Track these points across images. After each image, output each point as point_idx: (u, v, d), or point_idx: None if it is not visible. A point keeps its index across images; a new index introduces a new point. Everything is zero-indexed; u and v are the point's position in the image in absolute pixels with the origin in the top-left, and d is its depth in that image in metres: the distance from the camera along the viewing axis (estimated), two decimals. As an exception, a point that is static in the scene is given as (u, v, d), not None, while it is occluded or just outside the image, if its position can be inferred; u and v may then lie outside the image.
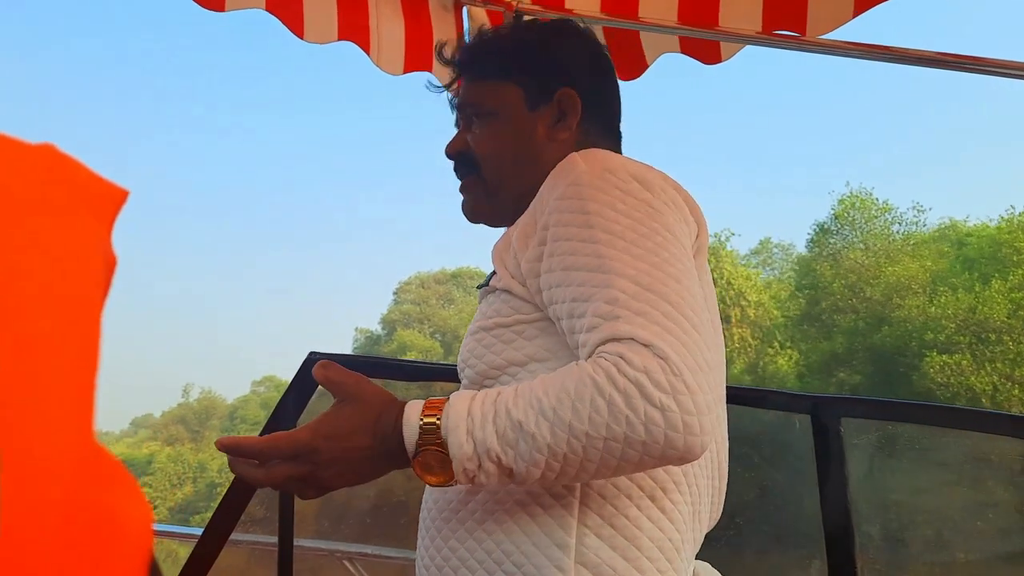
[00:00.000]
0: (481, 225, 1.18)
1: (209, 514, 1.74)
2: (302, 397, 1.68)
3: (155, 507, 41.02)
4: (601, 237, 0.88)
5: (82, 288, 0.30)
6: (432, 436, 0.83)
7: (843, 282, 25.93)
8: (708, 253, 1.02)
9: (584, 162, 0.97)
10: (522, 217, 1.02)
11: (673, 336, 0.80)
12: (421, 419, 0.84)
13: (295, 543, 1.63)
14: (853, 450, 2.16)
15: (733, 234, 34.19)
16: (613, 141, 1.17)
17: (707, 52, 2.13)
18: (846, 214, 27.60)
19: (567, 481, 0.83)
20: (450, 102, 1.22)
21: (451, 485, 0.85)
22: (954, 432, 2.57)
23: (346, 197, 79.49)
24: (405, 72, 2.26)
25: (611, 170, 0.95)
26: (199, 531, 2.10)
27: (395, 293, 49.87)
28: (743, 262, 32.74)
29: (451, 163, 1.18)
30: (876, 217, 27.51)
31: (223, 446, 0.88)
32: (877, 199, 27.73)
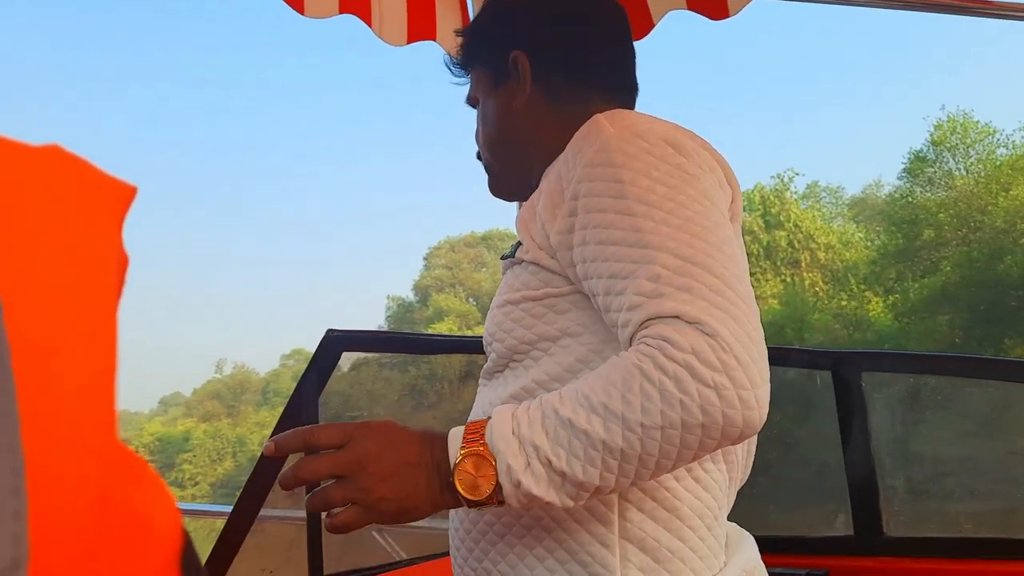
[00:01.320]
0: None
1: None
2: (323, 375, 1.69)
3: (196, 483, 41.58)
4: (637, 208, 0.84)
5: (97, 289, 0.30)
6: (475, 436, 0.80)
7: (950, 212, 23.16)
8: (772, 196, 1.00)
9: (611, 125, 0.92)
10: (545, 183, 0.98)
11: (721, 310, 0.77)
12: (464, 429, 0.82)
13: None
14: (875, 404, 2.16)
15: (797, 174, 30.57)
16: (598, 89, 1.08)
17: (714, 7, 2.10)
18: (945, 139, 25.17)
19: (628, 482, 0.78)
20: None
21: (491, 503, 0.80)
22: (977, 382, 2.57)
23: (368, 165, 79.21)
24: (408, 42, 2.24)
25: (641, 134, 0.90)
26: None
27: (425, 258, 49.34)
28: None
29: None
30: (979, 141, 25.16)
31: (269, 453, 0.84)
32: (979, 121, 25.14)
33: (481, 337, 1.03)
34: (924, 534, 1.95)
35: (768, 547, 1.03)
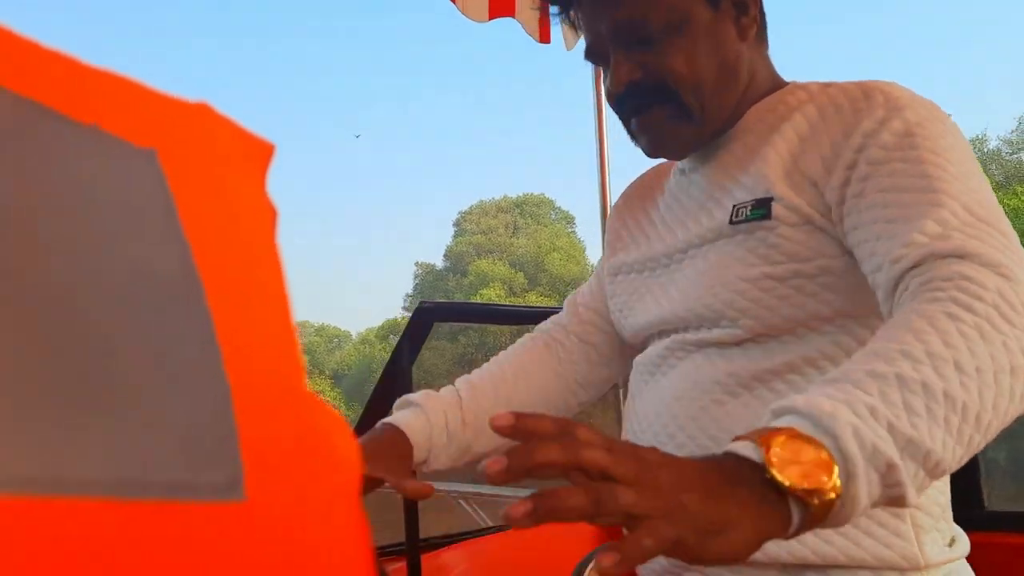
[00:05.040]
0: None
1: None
2: (415, 345, 1.74)
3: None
4: (929, 157, 0.79)
5: (262, 236, 0.32)
6: (788, 431, 0.55)
7: None
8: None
9: (905, 95, 0.85)
10: (795, 136, 0.88)
11: (1017, 259, 0.69)
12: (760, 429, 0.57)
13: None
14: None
15: None
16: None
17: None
18: None
19: (957, 452, 0.60)
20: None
21: (832, 507, 0.54)
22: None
23: (389, 123, 76.30)
24: (490, 19, 2.26)
25: (936, 111, 0.85)
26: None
27: (456, 224, 46.58)
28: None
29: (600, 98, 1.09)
30: None
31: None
32: None
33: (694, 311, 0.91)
34: (1027, 508, 1.88)
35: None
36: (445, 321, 1.86)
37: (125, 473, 0.24)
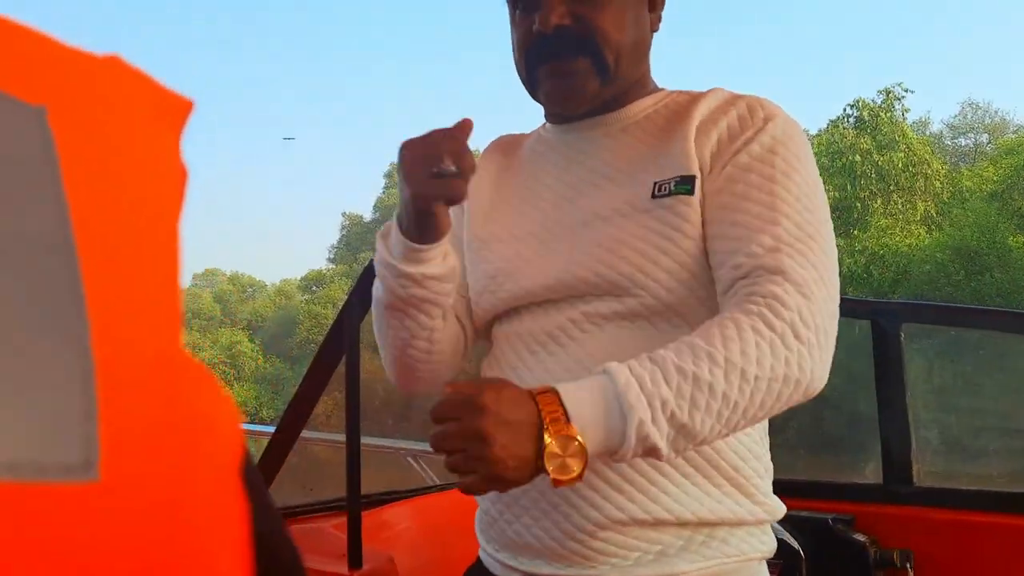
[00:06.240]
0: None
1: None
2: (367, 301, 1.71)
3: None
4: (780, 179, 0.92)
5: (162, 200, 0.30)
6: (555, 412, 0.78)
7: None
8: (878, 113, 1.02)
9: (779, 113, 0.98)
10: (694, 128, 0.98)
11: (824, 282, 0.88)
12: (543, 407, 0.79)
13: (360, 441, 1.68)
14: (914, 355, 2.14)
15: (908, 91, 23.75)
16: None
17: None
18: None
19: (725, 433, 0.84)
20: None
21: (605, 455, 0.81)
22: (1019, 338, 2.52)
23: (325, 70, 73.75)
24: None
25: (798, 129, 0.99)
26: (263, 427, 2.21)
27: (387, 176, 44.00)
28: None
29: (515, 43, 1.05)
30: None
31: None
32: None
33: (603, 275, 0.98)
34: (954, 486, 1.95)
35: (795, 491, 1.05)
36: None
37: None
